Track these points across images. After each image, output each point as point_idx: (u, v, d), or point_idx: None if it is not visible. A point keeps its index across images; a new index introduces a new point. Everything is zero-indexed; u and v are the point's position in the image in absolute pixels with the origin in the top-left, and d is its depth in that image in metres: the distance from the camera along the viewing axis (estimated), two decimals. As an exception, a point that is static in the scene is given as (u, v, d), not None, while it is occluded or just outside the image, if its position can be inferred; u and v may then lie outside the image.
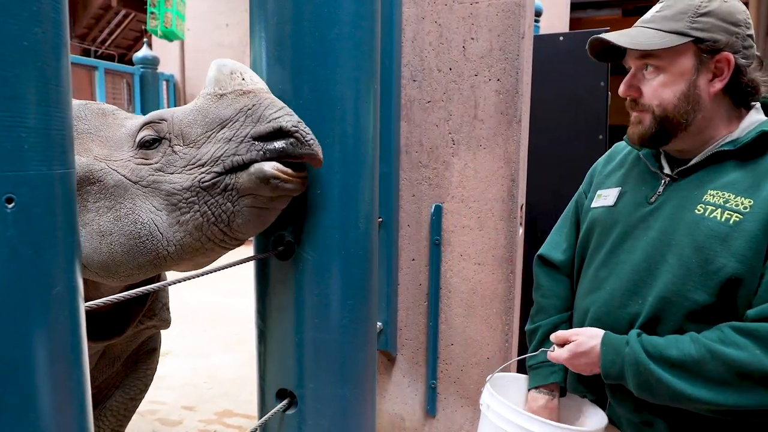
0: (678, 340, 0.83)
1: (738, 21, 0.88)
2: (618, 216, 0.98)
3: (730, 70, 0.87)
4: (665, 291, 0.86)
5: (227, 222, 1.06)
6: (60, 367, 0.55)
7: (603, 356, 0.87)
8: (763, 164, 0.85)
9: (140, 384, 1.70)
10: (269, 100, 1.06)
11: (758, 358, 0.76)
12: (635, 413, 0.91)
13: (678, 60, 0.88)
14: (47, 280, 0.54)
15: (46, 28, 0.53)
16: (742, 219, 0.82)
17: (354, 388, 1.27)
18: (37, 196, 0.53)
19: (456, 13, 1.73)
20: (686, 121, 0.89)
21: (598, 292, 0.97)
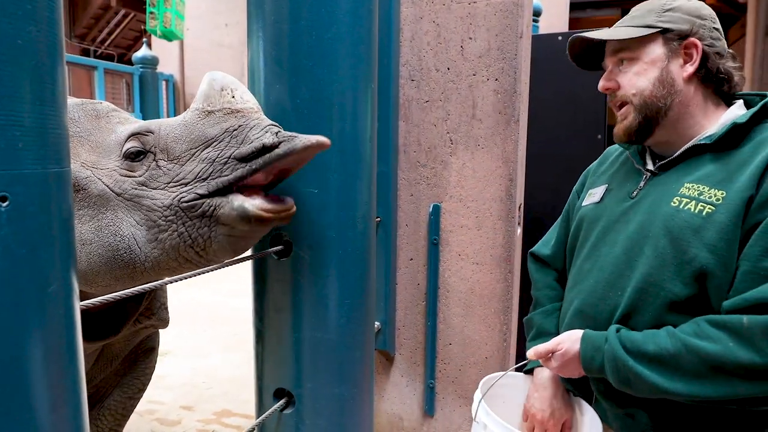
0: (655, 334, 0.84)
1: (702, 15, 0.95)
2: (603, 211, 1.02)
3: (698, 54, 0.93)
4: (643, 282, 0.89)
5: (203, 246, 1.06)
6: (55, 366, 0.55)
7: (583, 352, 0.89)
8: (736, 157, 0.88)
9: (138, 383, 1.70)
10: (256, 121, 1.04)
11: (731, 350, 0.77)
12: (619, 407, 0.93)
13: (648, 49, 0.95)
14: (42, 279, 0.54)
15: (41, 27, 0.53)
16: (715, 210, 0.84)
17: (351, 388, 1.27)
18: (32, 194, 0.53)
19: (454, 12, 1.74)
20: (665, 105, 0.93)
21: (581, 285, 1.00)
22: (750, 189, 0.83)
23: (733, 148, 0.89)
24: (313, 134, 1.17)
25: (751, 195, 0.82)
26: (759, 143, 0.87)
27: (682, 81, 0.93)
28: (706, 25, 0.94)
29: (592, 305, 0.96)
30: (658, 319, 0.87)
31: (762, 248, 0.80)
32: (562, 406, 1.03)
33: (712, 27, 0.95)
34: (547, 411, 1.02)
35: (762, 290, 0.78)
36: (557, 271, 1.22)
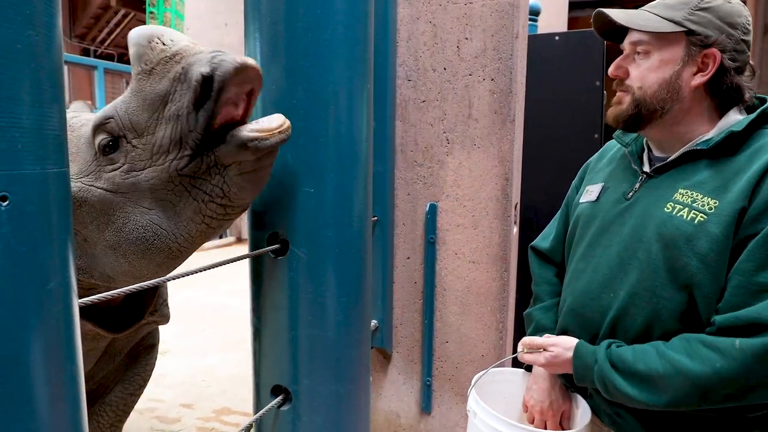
0: (645, 352, 0.84)
1: (735, 23, 0.90)
2: (598, 211, 1.01)
3: (714, 66, 0.88)
4: (635, 286, 0.88)
5: (222, 195, 1.04)
6: (54, 362, 0.57)
7: (575, 368, 0.90)
8: (731, 165, 0.86)
9: (139, 379, 1.72)
10: (196, 56, 0.98)
11: (719, 372, 0.77)
12: (609, 405, 0.94)
13: (668, 47, 0.90)
14: (41, 277, 0.55)
15: (39, 31, 0.55)
16: (706, 220, 0.83)
17: (348, 385, 1.29)
18: (31, 194, 0.54)
19: (450, 13, 1.75)
20: (662, 109, 0.91)
21: (575, 284, 1.00)
22: (743, 201, 0.81)
23: (730, 155, 0.87)
24: (310, 135, 1.19)
25: (744, 207, 0.81)
26: (755, 151, 0.85)
27: (689, 89, 0.90)
28: (734, 36, 0.89)
29: (584, 305, 0.96)
30: (649, 325, 0.87)
31: (755, 263, 0.79)
32: (560, 397, 1.04)
33: (740, 39, 0.90)
34: (545, 402, 1.03)
35: (756, 310, 0.77)
36: (556, 265, 1.22)
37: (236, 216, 1.13)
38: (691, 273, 0.83)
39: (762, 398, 0.78)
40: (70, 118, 1.19)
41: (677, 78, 0.90)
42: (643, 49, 0.92)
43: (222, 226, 1.10)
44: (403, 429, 1.99)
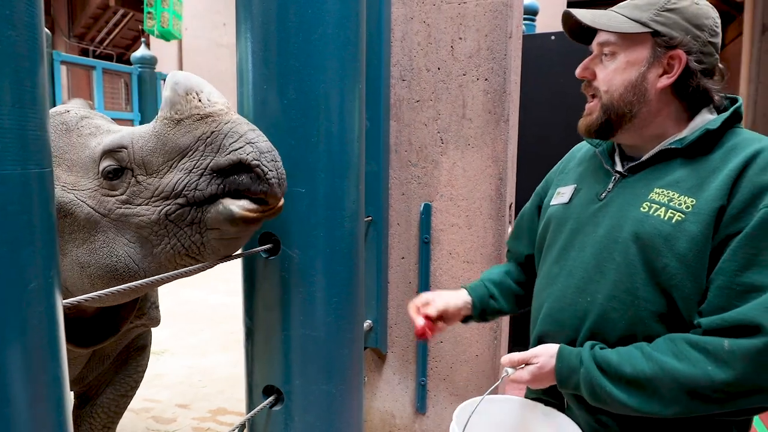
0: (630, 355, 0.82)
1: (702, 25, 0.88)
2: (571, 213, 0.98)
3: (680, 68, 0.87)
4: (614, 290, 0.86)
5: (197, 252, 1.06)
6: (36, 362, 0.57)
7: (558, 371, 0.87)
8: (707, 164, 0.85)
9: (131, 381, 1.71)
10: (229, 125, 1.00)
11: (709, 374, 0.76)
12: (590, 415, 0.91)
13: (634, 48, 0.89)
14: (23, 277, 0.55)
15: (20, 31, 0.54)
16: (684, 219, 0.82)
17: (340, 385, 1.29)
18: (12, 195, 0.54)
19: (444, 13, 1.75)
20: (630, 112, 0.89)
21: (550, 289, 0.97)
22: (721, 199, 0.80)
23: (704, 154, 0.86)
24: (302, 135, 1.19)
25: (722, 205, 0.80)
26: (729, 150, 0.84)
27: (655, 91, 0.89)
28: (701, 38, 0.87)
29: (561, 310, 0.94)
30: (632, 329, 0.85)
31: (738, 263, 0.78)
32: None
33: (707, 41, 0.88)
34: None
35: (742, 311, 0.76)
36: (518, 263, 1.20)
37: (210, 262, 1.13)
38: (671, 274, 0.81)
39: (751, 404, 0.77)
40: (78, 119, 1.18)
41: (643, 80, 0.88)
42: (610, 50, 0.91)
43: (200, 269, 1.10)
44: (398, 429, 1.99)
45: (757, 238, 0.77)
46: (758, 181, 0.79)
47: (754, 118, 7.10)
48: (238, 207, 1.00)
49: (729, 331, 0.77)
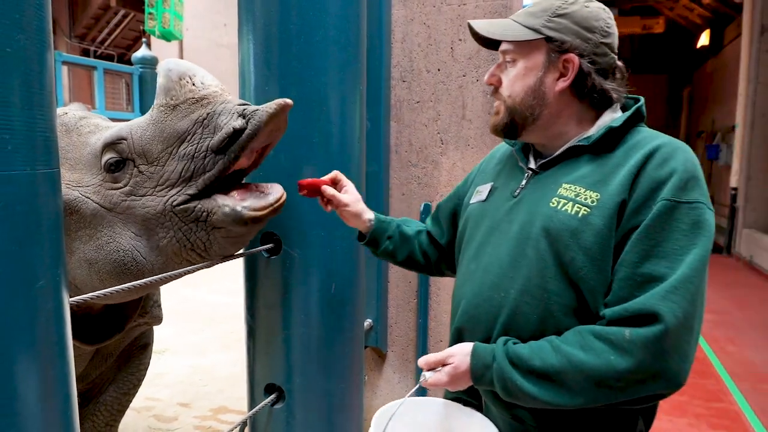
0: (541, 349, 0.84)
1: (592, 27, 0.91)
2: (488, 210, 1.01)
3: (574, 71, 0.90)
4: (525, 284, 0.88)
5: (203, 248, 1.06)
6: (43, 359, 0.58)
7: (473, 368, 0.88)
8: (611, 160, 0.88)
9: (133, 379, 1.73)
10: (223, 105, 1.02)
11: (612, 364, 0.78)
12: (507, 411, 0.93)
13: (531, 55, 0.92)
14: (31, 275, 0.56)
15: (29, 35, 0.56)
16: (590, 213, 0.84)
17: (340, 383, 1.30)
18: (21, 194, 0.55)
19: (444, 14, 1.76)
20: (532, 115, 0.93)
21: (467, 285, 0.99)
22: (622, 194, 0.83)
23: (609, 150, 0.89)
24: (303, 136, 1.20)
25: (624, 199, 0.83)
26: (631, 147, 0.88)
27: (554, 94, 0.92)
28: (593, 40, 0.91)
29: (477, 306, 0.95)
30: (543, 322, 0.87)
31: (638, 254, 0.81)
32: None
33: (599, 42, 0.91)
34: None
35: (642, 301, 0.78)
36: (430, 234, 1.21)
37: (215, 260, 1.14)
38: (578, 267, 0.84)
39: (652, 390, 0.80)
40: (77, 119, 1.19)
41: (541, 84, 0.92)
42: (510, 58, 0.94)
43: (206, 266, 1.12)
44: (397, 427, 2.00)
45: (654, 229, 0.80)
46: (656, 176, 0.82)
47: (753, 119, 7.11)
48: (244, 207, 1.01)
49: (630, 320, 0.79)
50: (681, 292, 0.77)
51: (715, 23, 9.55)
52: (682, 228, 0.80)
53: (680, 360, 0.78)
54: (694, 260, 0.79)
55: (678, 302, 0.77)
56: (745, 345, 3.89)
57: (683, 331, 0.77)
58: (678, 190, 0.81)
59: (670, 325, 0.76)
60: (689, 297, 0.78)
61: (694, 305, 0.78)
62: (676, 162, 0.83)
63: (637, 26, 9.81)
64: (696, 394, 3.03)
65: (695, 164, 0.84)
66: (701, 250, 0.79)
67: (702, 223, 0.80)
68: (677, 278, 0.78)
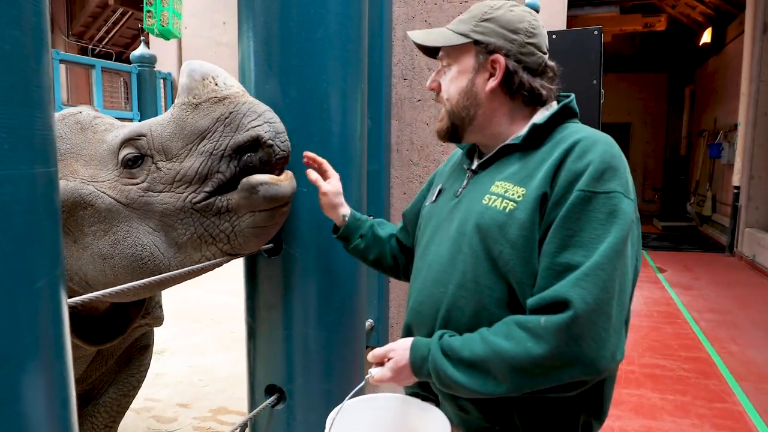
0: (471, 339, 0.87)
1: (517, 29, 0.96)
2: (435, 211, 1.06)
3: (501, 71, 0.95)
4: (461, 279, 0.92)
5: (227, 241, 1.06)
6: (42, 359, 0.57)
7: (412, 361, 0.92)
8: (536, 156, 0.92)
9: (133, 380, 1.72)
10: (246, 105, 1.04)
11: (528, 350, 0.81)
12: (453, 402, 0.96)
13: (462, 58, 0.98)
14: (29, 275, 0.56)
15: (26, 33, 0.55)
16: (516, 207, 0.88)
17: (342, 384, 1.29)
18: (19, 194, 0.55)
19: (446, 12, 1.75)
20: (468, 116, 0.98)
21: (415, 283, 1.03)
22: (544, 186, 0.86)
23: (535, 147, 0.93)
24: (304, 134, 1.19)
25: (545, 192, 0.86)
26: (556, 143, 0.91)
27: (485, 94, 0.96)
28: (517, 40, 0.95)
29: (421, 302, 0.99)
30: (476, 315, 0.90)
31: (556, 245, 0.83)
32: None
33: (524, 42, 0.96)
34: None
35: (556, 289, 0.81)
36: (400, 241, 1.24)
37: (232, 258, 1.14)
38: (506, 260, 0.87)
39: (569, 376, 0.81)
40: (92, 117, 1.20)
41: (473, 85, 0.96)
42: (446, 63, 1.00)
43: (217, 265, 1.11)
44: (399, 427, 1.99)
45: (570, 219, 0.83)
46: (574, 168, 0.85)
47: (755, 117, 7.09)
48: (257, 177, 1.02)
49: (546, 308, 0.82)
50: (591, 279, 0.80)
51: (717, 21, 9.54)
52: (599, 217, 0.83)
53: (596, 346, 0.79)
54: (606, 248, 0.81)
55: (588, 288, 0.79)
56: (747, 345, 3.88)
57: (595, 316, 0.79)
58: (593, 181, 0.83)
59: (579, 311, 0.78)
60: (600, 283, 0.80)
61: (608, 291, 0.80)
62: (593, 154, 0.86)
63: (639, 24, 9.79)
64: (699, 395, 3.02)
65: (614, 155, 0.86)
66: (614, 238, 0.81)
67: (617, 212, 0.83)
68: (588, 265, 0.80)
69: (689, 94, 11.64)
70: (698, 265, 6.63)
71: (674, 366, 3.44)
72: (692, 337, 4.01)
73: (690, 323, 4.36)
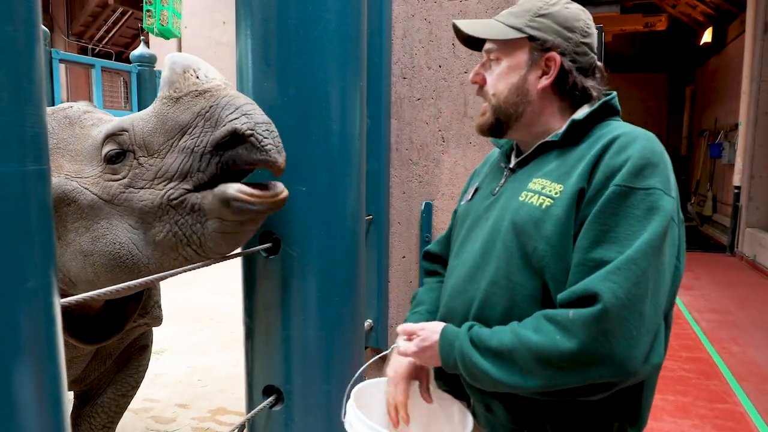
0: (501, 331, 0.87)
1: (573, 27, 0.94)
2: (471, 210, 1.05)
3: (556, 69, 0.93)
4: (494, 275, 0.91)
5: (199, 244, 1.04)
6: (33, 361, 0.56)
7: (440, 348, 0.91)
8: (575, 153, 0.91)
9: (132, 381, 1.71)
10: (226, 98, 0.99)
11: (556, 343, 0.79)
12: (480, 401, 0.95)
13: (514, 53, 0.95)
14: (20, 275, 0.55)
15: (17, 27, 0.54)
16: (553, 204, 0.87)
17: (341, 385, 1.28)
18: (10, 192, 0.54)
19: (445, 10, 1.74)
20: (516, 113, 0.96)
21: (449, 281, 1.03)
22: (581, 183, 0.85)
23: (574, 144, 0.92)
24: (302, 133, 1.18)
25: (582, 188, 0.85)
26: (596, 139, 0.90)
27: (537, 92, 0.94)
28: (573, 39, 0.93)
29: (453, 298, 0.99)
30: (508, 311, 0.89)
31: (590, 240, 0.82)
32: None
33: (579, 41, 0.94)
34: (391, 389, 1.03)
35: (586, 282, 0.79)
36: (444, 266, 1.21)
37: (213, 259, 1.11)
38: (540, 256, 0.86)
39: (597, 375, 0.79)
40: (81, 112, 1.18)
41: (524, 82, 0.94)
42: (495, 56, 0.97)
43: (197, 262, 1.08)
44: (398, 428, 1.98)
45: (605, 214, 0.82)
46: (611, 163, 0.84)
47: (756, 116, 7.07)
48: (235, 189, 0.98)
49: (576, 302, 0.80)
50: (623, 273, 0.77)
51: (718, 21, 9.52)
52: (636, 214, 0.80)
53: (627, 344, 0.77)
54: (641, 243, 0.79)
55: (619, 282, 0.77)
56: (748, 345, 3.87)
57: (627, 312, 0.76)
58: (631, 177, 0.82)
59: (608, 305, 0.76)
60: (633, 278, 0.77)
61: (640, 287, 0.77)
62: (632, 150, 0.84)
63: (640, 24, 9.78)
64: (700, 395, 3.01)
65: (654, 151, 0.84)
66: (651, 234, 0.79)
67: (656, 209, 0.80)
68: (621, 260, 0.78)
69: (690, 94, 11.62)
70: (699, 265, 6.62)
71: (675, 366, 3.43)
72: (693, 338, 4.00)
73: (691, 323, 4.36)
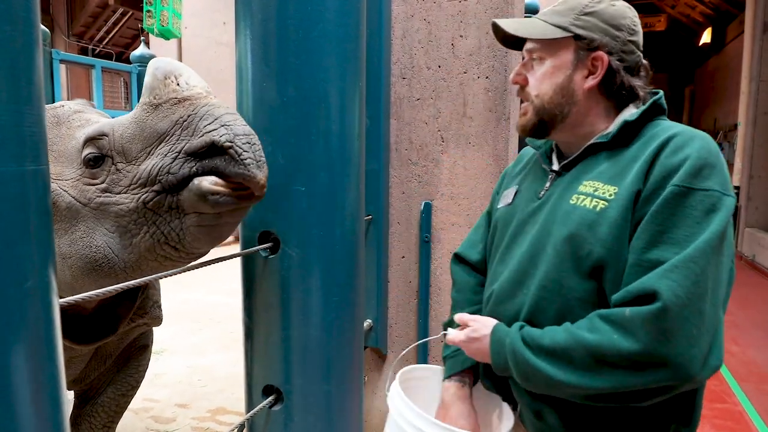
0: (554, 330, 0.86)
1: (620, 25, 0.92)
2: (514, 213, 1.02)
3: (603, 69, 0.91)
4: (544, 280, 0.89)
5: (177, 240, 1.03)
6: (32, 362, 0.56)
7: (491, 347, 0.91)
8: (627, 153, 0.89)
9: (132, 380, 1.71)
10: (206, 108, 0.98)
11: (614, 341, 0.78)
12: (529, 406, 0.93)
13: (559, 53, 0.93)
14: (19, 275, 0.55)
15: (16, 27, 0.54)
16: (607, 206, 0.85)
17: (340, 385, 1.28)
18: (8, 192, 0.54)
19: (445, 10, 1.74)
20: (561, 113, 0.93)
21: (494, 286, 1.00)
22: (638, 183, 0.83)
23: (626, 145, 0.90)
24: (302, 133, 1.18)
25: (639, 189, 0.83)
26: (648, 139, 0.88)
27: (583, 92, 0.92)
28: (620, 38, 0.91)
29: (501, 303, 0.97)
30: (560, 315, 0.88)
31: (645, 241, 0.81)
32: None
33: (626, 40, 0.92)
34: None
35: (643, 281, 0.78)
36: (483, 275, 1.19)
37: (185, 260, 1.10)
38: (595, 259, 0.84)
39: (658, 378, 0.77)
40: (71, 112, 1.17)
41: (570, 82, 0.92)
42: (538, 56, 0.94)
43: (171, 265, 1.07)
44: (398, 428, 1.98)
45: (662, 215, 0.80)
46: (668, 164, 0.82)
47: (755, 116, 7.08)
48: (209, 182, 0.96)
49: (632, 301, 0.79)
50: (682, 271, 0.76)
51: (717, 21, 9.53)
52: (695, 215, 0.78)
53: (688, 345, 0.74)
54: (701, 242, 0.77)
55: (677, 280, 0.75)
56: (748, 345, 3.87)
57: (687, 311, 0.75)
58: (690, 177, 0.79)
59: (668, 303, 0.74)
60: (692, 276, 0.75)
61: (700, 286, 0.75)
62: (690, 149, 0.81)
63: (638, 24, 9.79)
64: (698, 394, 3.01)
65: (711, 152, 0.82)
66: (710, 234, 0.77)
67: (716, 211, 0.78)
68: (679, 258, 0.76)
69: (689, 94, 11.63)
70: (698, 265, 6.61)
71: (675, 366, 3.43)
72: (693, 338, 4.00)
73: (690, 323, 4.35)
